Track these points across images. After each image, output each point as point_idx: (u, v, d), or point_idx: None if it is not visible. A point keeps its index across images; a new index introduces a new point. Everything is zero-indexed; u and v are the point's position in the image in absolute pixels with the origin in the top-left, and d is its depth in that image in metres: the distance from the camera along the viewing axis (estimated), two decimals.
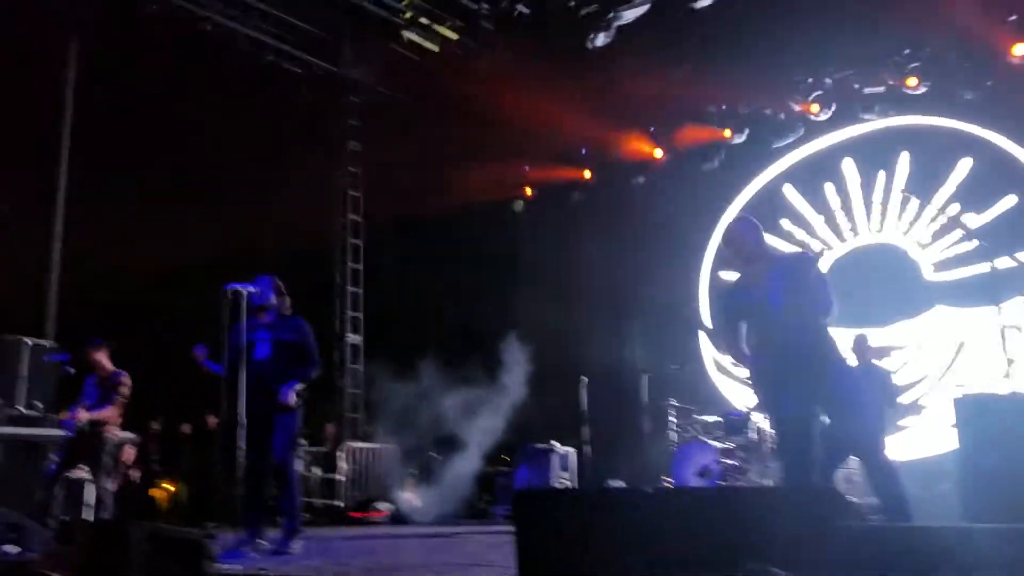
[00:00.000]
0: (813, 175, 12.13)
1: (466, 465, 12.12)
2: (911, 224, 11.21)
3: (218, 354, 5.80)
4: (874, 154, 11.62)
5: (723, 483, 8.88)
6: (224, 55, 11.86)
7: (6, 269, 10.19)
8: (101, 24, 10.86)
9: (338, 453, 12.23)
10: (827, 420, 4.77)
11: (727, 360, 12.34)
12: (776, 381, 4.72)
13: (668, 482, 9.43)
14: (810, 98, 11.64)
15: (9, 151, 10.27)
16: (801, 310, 4.67)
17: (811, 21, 10.30)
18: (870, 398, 6.84)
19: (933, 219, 11.05)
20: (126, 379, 7.01)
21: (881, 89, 11.29)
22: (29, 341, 8.28)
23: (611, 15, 10.54)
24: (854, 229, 11.75)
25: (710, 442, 9.34)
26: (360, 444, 12.69)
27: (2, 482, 6.94)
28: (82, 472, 7.04)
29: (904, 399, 9.38)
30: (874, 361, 7.75)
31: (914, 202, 11.14)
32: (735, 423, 9.43)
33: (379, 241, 13.75)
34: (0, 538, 4.97)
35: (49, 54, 10.88)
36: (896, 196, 11.37)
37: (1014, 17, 10.20)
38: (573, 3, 10.87)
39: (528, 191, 14.32)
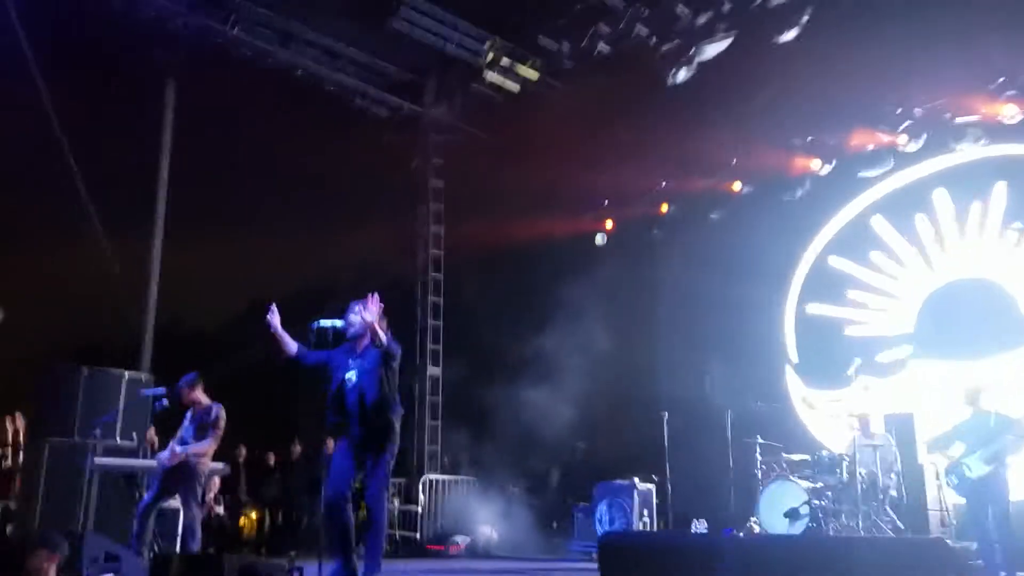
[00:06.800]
0: (904, 206, 11.75)
1: (544, 499, 12.06)
2: (1008, 257, 10.77)
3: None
4: (968, 184, 11.21)
5: (812, 526, 8.56)
6: (314, 98, 12.25)
7: (104, 302, 10.62)
8: (197, 68, 11.33)
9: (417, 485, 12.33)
10: None
11: (817, 397, 12.00)
12: None
13: (756, 524, 9.12)
14: (899, 129, 11.33)
15: (110, 188, 10.75)
16: None
17: (899, 50, 10.04)
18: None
19: None
20: (222, 413, 7.11)
21: (975, 118, 10.91)
22: (126, 374, 8.61)
23: (692, 51, 10.47)
24: (948, 262, 11.34)
25: (798, 482, 8.99)
26: (438, 476, 12.76)
27: (100, 512, 7.19)
28: (175, 502, 7.22)
29: None
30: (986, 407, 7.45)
31: (1011, 234, 10.72)
32: (825, 462, 9.08)
33: (459, 275, 13.89)
34: (99, 567, 5.12)
35: (147, 96, 11.40)
36: (993, 227, 10.95)
37: None
38: (654, 40, 10.82)
39: (608, 224, 14.28)
